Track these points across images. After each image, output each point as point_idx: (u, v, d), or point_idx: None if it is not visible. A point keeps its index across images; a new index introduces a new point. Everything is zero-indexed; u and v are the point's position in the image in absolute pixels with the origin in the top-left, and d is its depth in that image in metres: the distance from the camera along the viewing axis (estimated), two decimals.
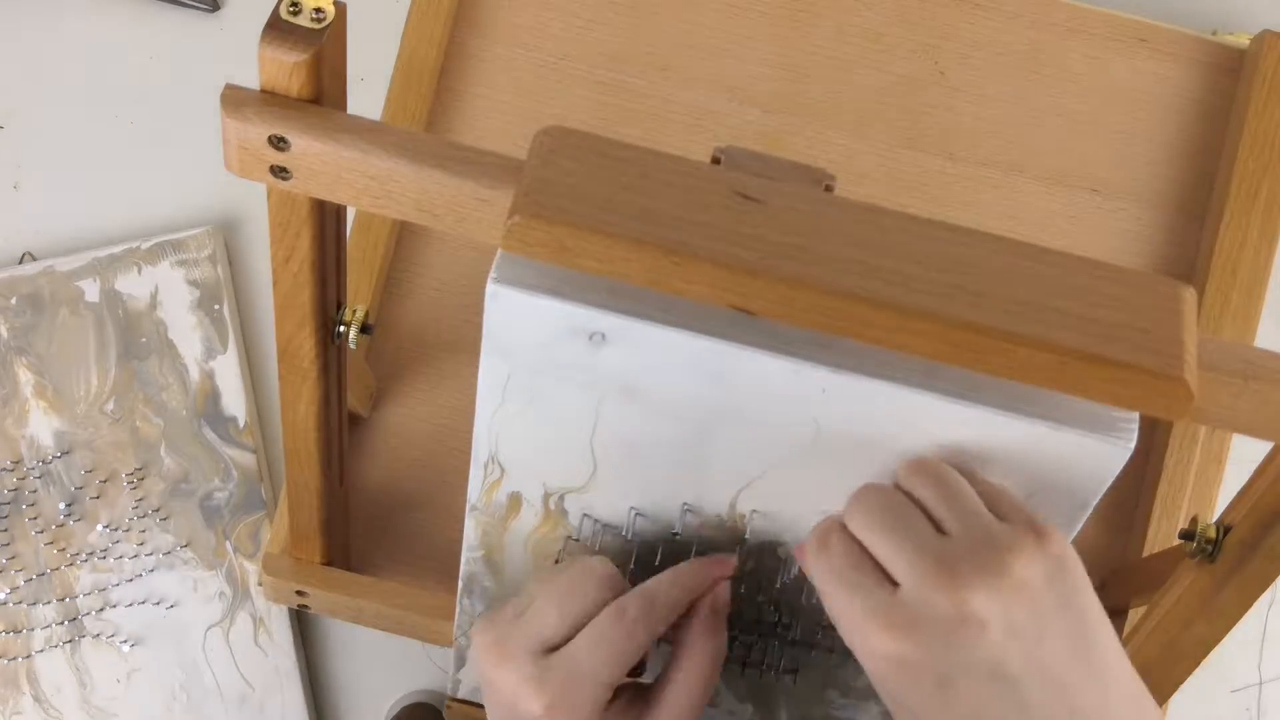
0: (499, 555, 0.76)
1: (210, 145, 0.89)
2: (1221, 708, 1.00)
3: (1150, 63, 1.02)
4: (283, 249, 0.68)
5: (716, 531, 0.72)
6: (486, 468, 0.71)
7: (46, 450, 0.98)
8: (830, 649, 0.77)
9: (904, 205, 0.98)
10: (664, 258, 0.58)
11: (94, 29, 1.07)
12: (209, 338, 1.01)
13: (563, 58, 1.00)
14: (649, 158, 0.60)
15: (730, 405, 0.64)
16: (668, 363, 0.63)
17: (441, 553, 0.93)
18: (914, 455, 0.64)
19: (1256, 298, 0.96)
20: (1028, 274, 0.59)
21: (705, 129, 0.99)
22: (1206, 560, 0.73)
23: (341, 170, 0.63)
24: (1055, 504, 0.65)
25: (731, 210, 0.59)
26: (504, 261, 0.62)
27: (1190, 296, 0.60)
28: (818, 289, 0.58)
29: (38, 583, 0.96)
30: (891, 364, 0.62)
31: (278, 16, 0.61)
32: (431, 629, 0.92)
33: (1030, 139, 1.00)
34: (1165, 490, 0.94)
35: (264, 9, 0.73)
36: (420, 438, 0.95)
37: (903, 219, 0.60)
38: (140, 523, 0.98)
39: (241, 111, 0.62)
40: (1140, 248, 0.99)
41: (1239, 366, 0.62)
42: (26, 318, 1.00)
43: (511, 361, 0.65)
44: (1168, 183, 1.00)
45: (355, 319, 0.74)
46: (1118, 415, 0.62)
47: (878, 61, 1.01)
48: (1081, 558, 0.62)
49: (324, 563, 0.91)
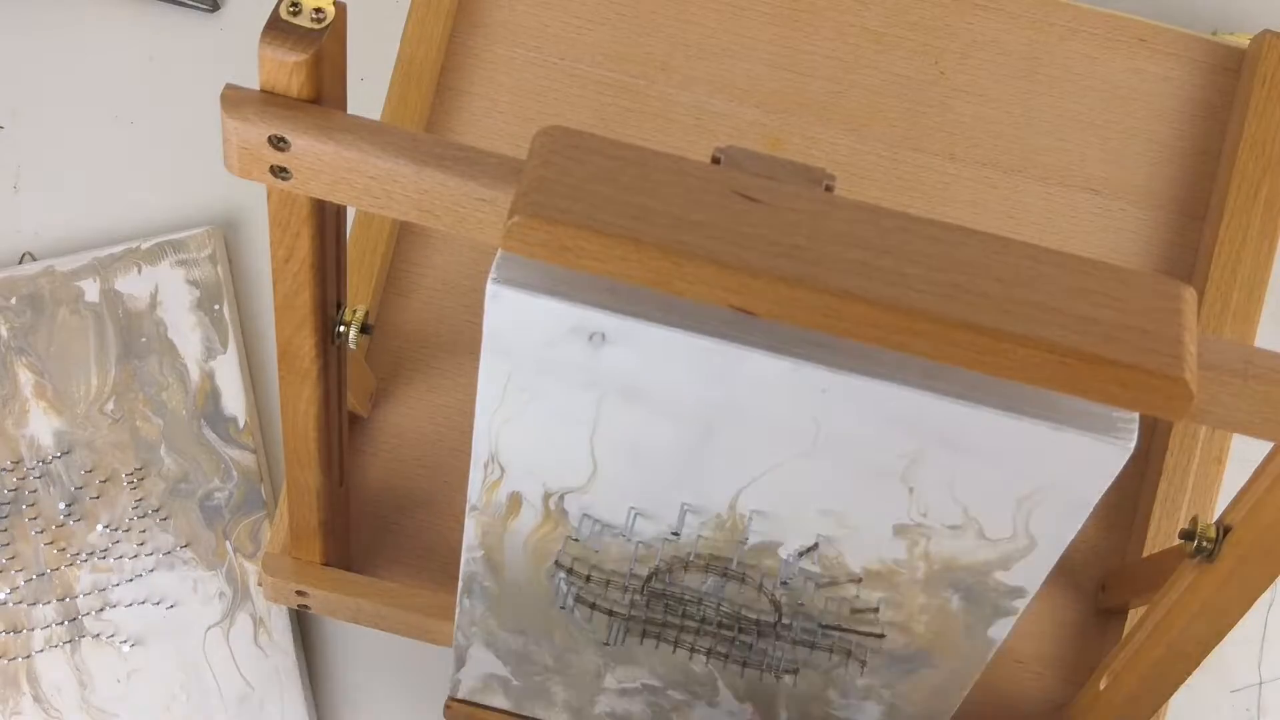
0: (499, 555, 0.76)
1: (210, 145, 0.89)
2: (1222, 708, 1.00)
3: (1150, 63, 1.01)
4: (283, 249, 0.68)
5: (716, 531, 0.72)
6: (486, 468, 0.71)
7: (46, 450, 0.98)
8: (830, 649, 0.77)
9: (904, 205, 0.98)
10: (664, 258, 0.58)
11: (94, 29, 1.07)
12: (209, 338, 1.01)
13: (562, 58, 1.00)
14: (649, 158, 0.60)
15: (730, 405, 0.64)
16: (668, 363, 0.63)
17: (441, 553, 0.93)
18: (914, 455, 0.64)
19: (1256, 297, 0.96)
20: (1028, 274, 0.59)
21: (705, 129, 0.99)
22: (1207, 560, 0.73)
23: (341, 170, 0.63)
24: (1055, 504, 0.65)
25: (731, 210, 0.59)
26: (504, 261, 0.62)
27: (1190, 296, 0.59)
28: (818, 289, 0.57)
29: (38, 583, 0.96)
30: (891, 364, 0.62)
31: (278, 16, 0.61)
32: (431, 629, 0.92)
33: (1030, 139, 1.00)
34: (1165, 490, 0.94)
35: (264, 9, 0.73)
36: (420, 438, 0.95)
37: (903, 219, 0.60)
38: (140, 523, 0.97)
39: (241, 111, 0.62)
40: (1140, 247, 0.99)
41: (1239, 366, 0.62)
42: (26, 318, 1.00)
43: (512, 361, 0.65)
44: (1168, 182, 1.00)
45: (355, 319, 0.74)
46: (1117, 415, 0.62)
47: (878, 61, 1.01)
48: (1081, 558, 0.62)
49: (324, 563, 0.91)
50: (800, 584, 0.74)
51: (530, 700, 0.89)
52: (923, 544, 0.69)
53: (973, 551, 0.69)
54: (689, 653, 0.81)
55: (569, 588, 0.78)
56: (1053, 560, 0.69)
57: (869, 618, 0.75)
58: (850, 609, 0.75)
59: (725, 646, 0.80)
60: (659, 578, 0.76)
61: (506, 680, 0.87)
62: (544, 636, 0.82)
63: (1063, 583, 0.94)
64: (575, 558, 0.76)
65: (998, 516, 0.67)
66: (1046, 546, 0.68)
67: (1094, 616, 0.94)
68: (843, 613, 0.75)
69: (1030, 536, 0.67)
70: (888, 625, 0.75)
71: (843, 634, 0.77)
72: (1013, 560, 0.69)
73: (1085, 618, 0.94)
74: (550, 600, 0.79)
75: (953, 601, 0.72)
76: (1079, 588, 0.94)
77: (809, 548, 0.72)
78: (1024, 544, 0.68)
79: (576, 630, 0.81)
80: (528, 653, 0.84)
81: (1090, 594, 0.94)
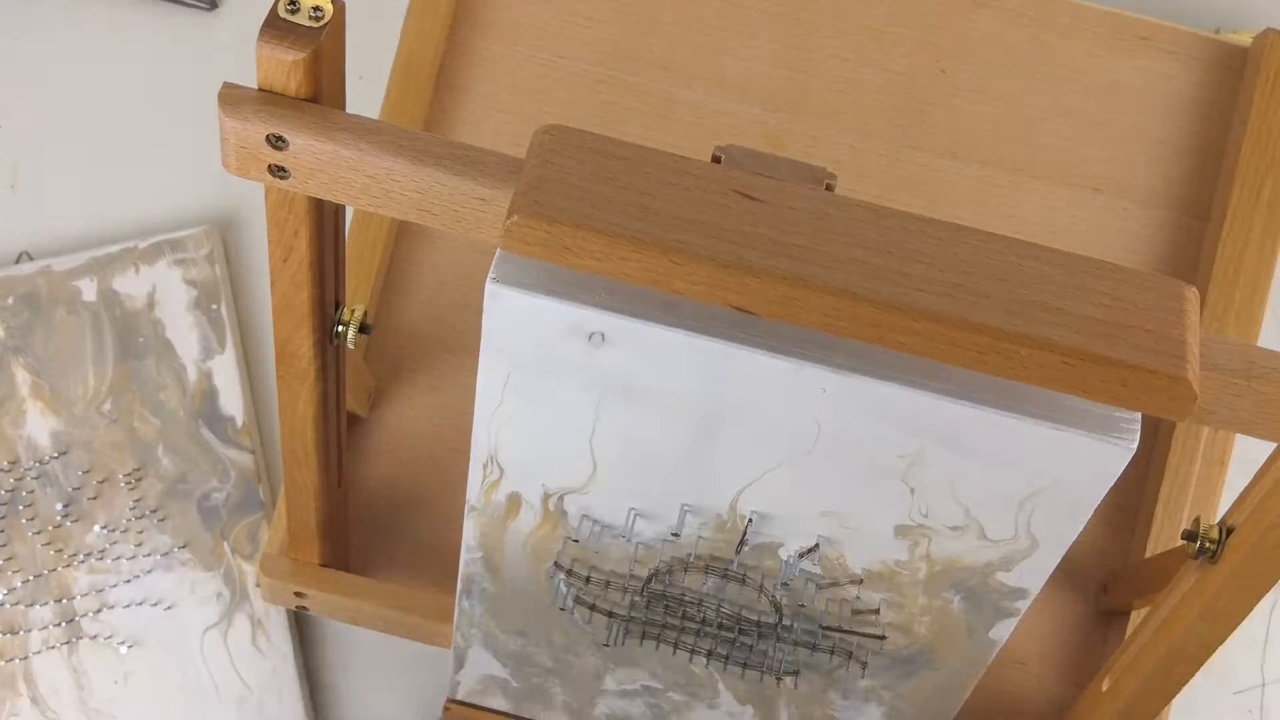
0: (498, 556, 0.76)
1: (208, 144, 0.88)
2: (1225, 710, 1.00)
3: (1153, 61, 1.01)
4: (281, 248, 0.68)
5: (716, 532, 0.71)
6: (485, 468, 0.70)
7: (43, 451, 0.98)
8: (831, 650, 0.77)
9: (905, 204, 0.98)
10: (664, 258, 0.58)
11: (90, 27, 1.07)
12: (206, 337, 1.00)
13: (562, 56, 1.00)
14: (649, 157, 0.60)
15: (730, 405, 0.64)
16: (668, 363, 0.63)
17: (441, 553, 0.93)
18: (915, 455, 0.64)
19: (1259, 297, 0.96)
20: (1029, 274, 0.59)
21: (705, 128, 0.99)
22: (1209, 561, 0.73)
23: (340, 169, 0.63)
24: (1057, 505, 0.65)
25: (732, 210, 0.59)
26: (503, 261, 0.62)
27: (1193, 296, 0.59)
28: (818, 289, 0.57)
29: (35, 584, 0.96)
30: (892, 364, 0.62)
31: (276, 15, 0.61)
32: (430, 630, 0.91)
33: (1032, 138, 1.00)
34: (1168, 491, 0.94)
35: (262, 7, 0.73)
36: (419, 438, 0.95)
37: (904, 218, 0.60)
38: (138, 523, 0.97)
39: (239, 110, 0.62)
40: (1142, 247, 0.99)
41: (1242, 366, 0.62)
42: (23, 317, 1.00)
43: (511, 361, 0.64)
44: (1170, 181, 1.00)
45: (354, 319, 0.74)
46: (1120, 416, 0.62)
47: (879, 60, 1.01)
48: (1083, 559, 0.62)
49: (322, 564, 0.91)
50: (801, 585, 0.74)
51: (529, 702, 0.89)
52: (924, 545, 0.69)
53: (974, 552, 0.69)
54: (689, 654, 0.81)
55: (568, 589, 0.78)
56: (1055, 561, 0.69)
57: (870, 619, 0.75)
58: (851, 610, 0.75)
59: (725, 648, 0.80)
60: (659, 579, 0.76)
61: (505, 682, 0.87)
62: (543, 638, 0.82)
63: (1065, 584, 0.94)
64: (575, 559, 0.75)
65: (999, 517, 0.67)
66: (1048, 547, 0.68)
67: (1096, 618, 0.94)
68: (844, 614, 0.75)
69: (1032, 537, 0.67)
70: (889, 626, 0.75)
71: (844, 635, 0.76)
72: (1014, 561, 0.69)
73: (1087, 619, 0.94)
74: (549, 601, 0.79)
75: (954, 603, 0.72)
76: (1081, 589, 0.94)
77: (810, 549, 0.71)
78: (1026, 545, 0.68)
79: (576, 631, 0.81)
80: (527, 654, 0.84)
81: (1092, 595, 0.94)
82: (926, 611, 0.73)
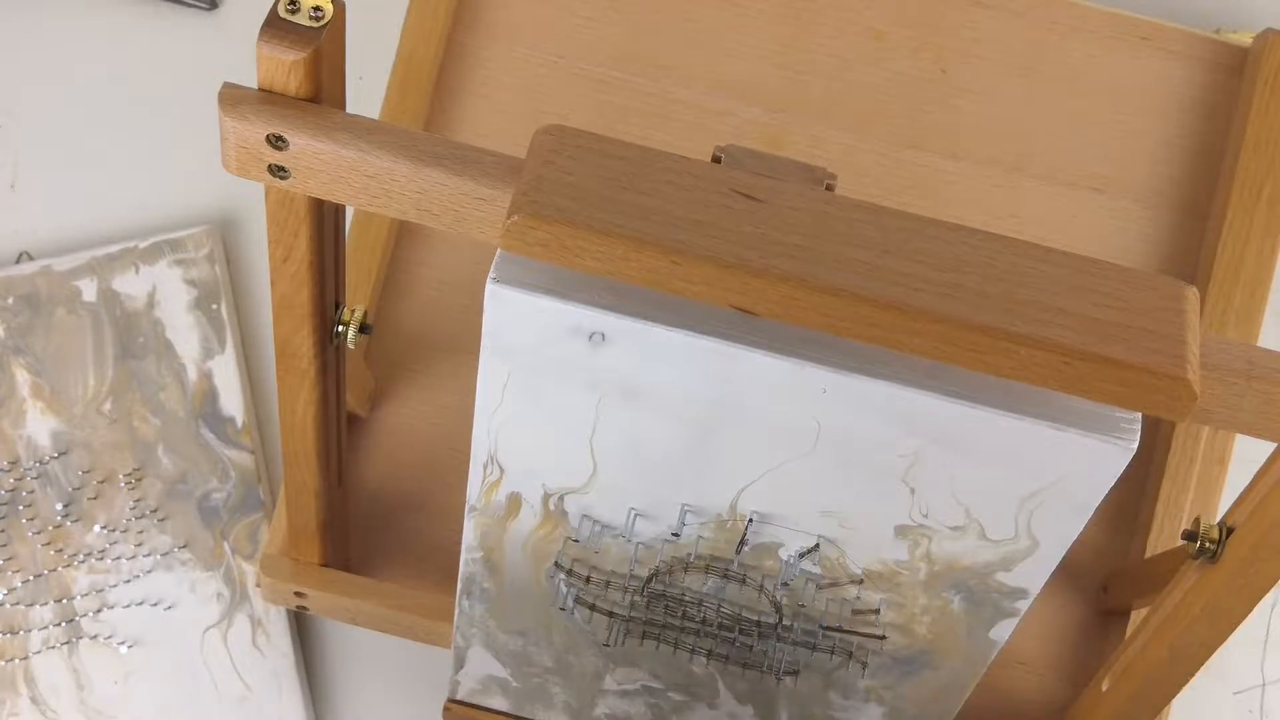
0: (498, 556, 0.76)
1: (208, 144, 0.88)
2: (1225, 710, 1.00)
3: (1153, 61, 1.01)
4: (281, 248, 0.68)
5: (717, 532, 0.71)
6: (486, 468, 0.70)
7: (43, 451, 0.98)
8: (831, 650, 0.77)
9: (905, 204, 0.98)
10: (664, 258, 0.58)
11: (90, 27, 1.07)
12: (207, 337, 1.00)
13: (562, 56, 1.00)
14: (649, 157, 0.60)
15: (731, 406, 0.64)
16: (668, 363, 0.63)
17: (441, 553, 0.93)
18: (915, 455, 0.64)
19: (1259, 297, 0.96)
20: (1029, 273, 0.59)
21: (706, 128, 0.99)
22: (1209, 561, 0.73)
23: (340, 169, 0.62)
24: (1057, 505, 0.65)
25: (732, 210, 0.59)
26: (504, 261, 0.61)
27: (1193, 296, 0.59)
28: (818, 289, 0.57)
29: (35, 584, 0.96)
30: (892, 364, 0.62)
31: (276, 14, 0.61)
32: (430, 630, 0.91)
33: (1032, 138, 1.00)
34: (1168, 491, 0.94)
35: (262, 7, 0.73)
36: (420, 438, 0.95)
37: (904, 218, 0.60)
38: (138, 523, 0.97)
39: (239, 110, 0.62)
40: (1142, 247, 0.99)
41: (1242, 366, 0.62)
42: (23, 317, 1.00)
43: (511, 361, 0.64)
44: (1170, 181, 1.00)
45: (354, 319, 0.74)
46: (1120, 416, 0.62)
47: (879, 60, 1.01)
48: (1083, 559, 0.62)
49: (322, 564, 0.91)
50: (801, 585, 0.74)
51: (530, 702, 0.88)
52: (924, 545, 0.69)
53: (974, 552, 0.69)
54: (689, 654, 0.81)
55: (568, 589, 0.78)
56: (1055, 561, 0.69)
57: (870, 619, 0.75)
58: (851, 610, 0.75)
59: (726, 648, 0.80)
60: (659, 579, 0.76)
61: (506, 682, 0.87)
62: (543, 638, 0.82)
63: (1065, 584, 0.94)
64: (575, 559, 0.75)
65: (1000, 517, 0.67)
66: (1049, 547, 0.68)
67: (1096, 618, 0.94)
68: (844, 614, 0.75)
69: (1032, 537, 0.67)
70: (889, 626, 0.75)
71: (844, 635, 0.76)
72: (1015, 561, 0.69)
73: (1087, 619, 0.94)
74: (550, 601, 0.79)
75: (954, 603, 0.72)
76: (1081, 589, 0.94)
77: (810, 549, 0.71)
78: (1026, 545, 0.68)
79: (576, 631, 0.81)
80: (527, 654, 0.84)
81: (1092, 595, 0.94)
82: (927, 611, 0.73)
